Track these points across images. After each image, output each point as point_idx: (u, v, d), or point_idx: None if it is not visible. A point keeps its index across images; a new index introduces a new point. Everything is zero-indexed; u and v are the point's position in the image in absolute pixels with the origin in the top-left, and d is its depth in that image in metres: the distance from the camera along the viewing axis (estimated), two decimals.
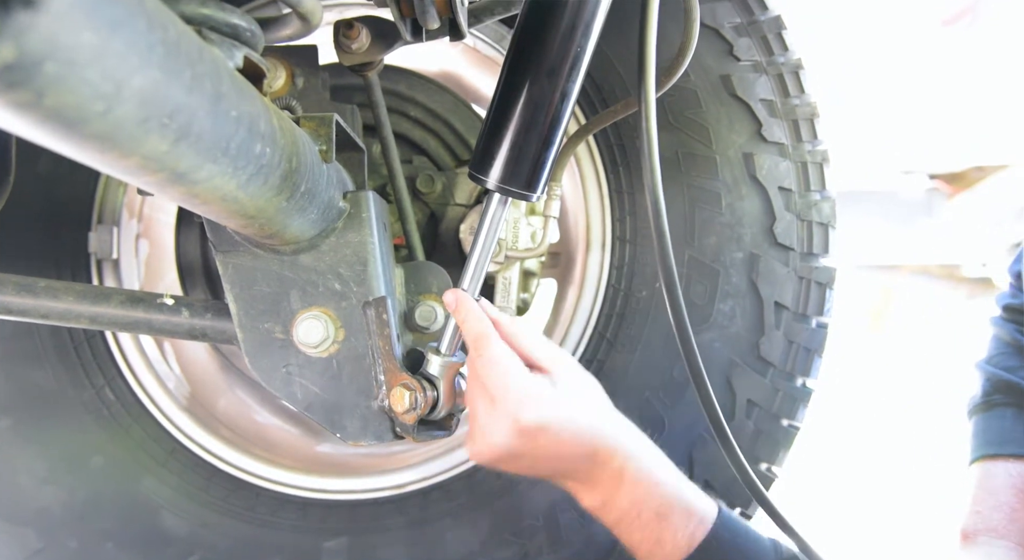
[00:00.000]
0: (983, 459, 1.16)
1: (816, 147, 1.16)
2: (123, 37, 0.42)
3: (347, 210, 0.92)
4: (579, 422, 0.84)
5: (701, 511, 0.86)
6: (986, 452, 1.16)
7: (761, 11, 1.15)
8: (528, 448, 0.83)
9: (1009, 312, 1.26)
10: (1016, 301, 1.25)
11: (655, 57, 0.84)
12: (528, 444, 0.82)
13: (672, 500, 0.85)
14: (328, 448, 1.39)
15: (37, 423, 1.20)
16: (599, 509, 0.87)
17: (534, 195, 0.84)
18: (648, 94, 0.84)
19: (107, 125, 0.44)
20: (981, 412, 1.19)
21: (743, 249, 1.14)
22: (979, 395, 1.21)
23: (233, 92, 0.57)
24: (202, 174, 0.56)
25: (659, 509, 0.84)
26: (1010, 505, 1.10)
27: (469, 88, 1.47)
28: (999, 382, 1.20)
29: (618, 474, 0.84)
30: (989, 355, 1.24)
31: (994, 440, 1.16)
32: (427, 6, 0.84)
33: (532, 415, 0.81)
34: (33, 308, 0.95)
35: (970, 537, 1.10)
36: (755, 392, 1.15)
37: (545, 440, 0.82)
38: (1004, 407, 1.18)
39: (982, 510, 1.11)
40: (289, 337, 0.91)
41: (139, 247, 1.30)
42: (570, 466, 0.85)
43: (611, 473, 0.85)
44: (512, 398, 0.82)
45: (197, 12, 0.69)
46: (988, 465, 1.15)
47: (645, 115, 0.84)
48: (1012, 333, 1.23)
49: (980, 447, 1.17)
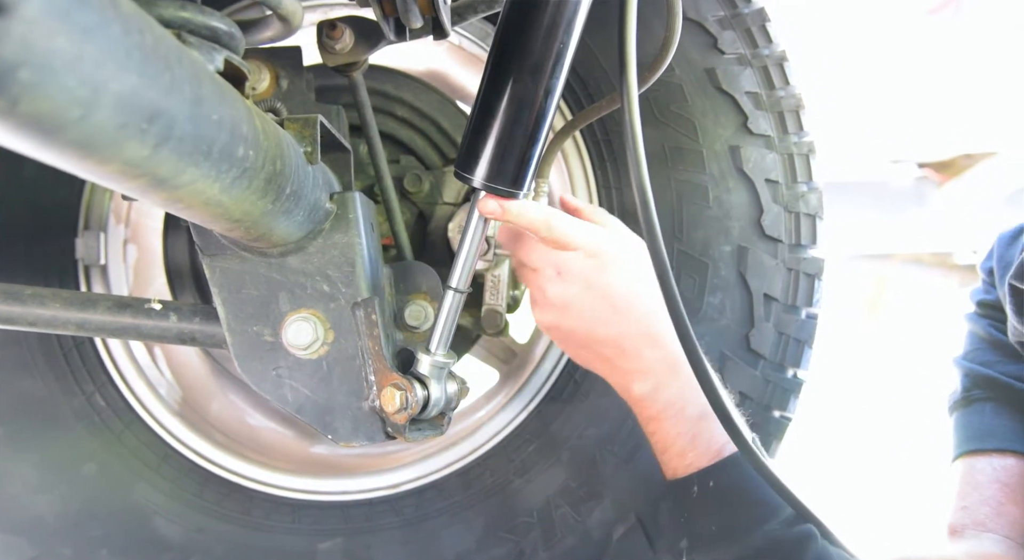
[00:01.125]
0: (966, 455, 1.18)
1: (802, 139, 1.16)
2: (99, 42, 0.42)
3: (334, 211, 0.91)
4: (648, 290, 0.86)
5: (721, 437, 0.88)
6: (969, 448, 1.17)
7: (744, 4, 1.15)
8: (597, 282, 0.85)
9: (983, 308, 1.27)
10: (989, 297, 1.27)
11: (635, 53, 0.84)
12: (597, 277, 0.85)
13: (708, 408, 0.85)
14: (322, 449, 1.39)
15: (28, 431, 1.19)
16: (646, 396, 0.88)
17: (520, 193, 0.84)
18: (630, 91, 0.84)
19: (85, 131, 0.44)
20: (961, 408, 1.21)
21: (731, 242, 1.15)
22: (959, 391, 1.23)
23: (214, 95, 0.57)
24: (184, 179, 0.56)
25: (703, 408, 0.86)
26: (996, 499, 1.11)
27: (456, 86, 1.47)
28: (977, 377, 1.22)
29: (674, 361, 0.86)
30: (965, 351, 1.26)
31: (976, 435, 1.18)
32: (410, 5, 0.84)
33: (614, 245, 0.86)
34: (20, 316, 0.95)
35: (958, 532, 1.11)
36: (746, 384, 1.15)
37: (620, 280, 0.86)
38: (983, 402, 1.20)
39: (968, 505, 1.13)
40: (278, 340, 0.91)
41: (127, 252, 1.30)
42: (631, 328, 0.87)
43: (666, 358, 0.86)
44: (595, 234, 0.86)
45: (176, 15, 0.68)
46: (972, 460, 1.17)
47: (628, 112, 0.84)
48: (986, 328, 1.25)
49: (963, 443, 1.19)
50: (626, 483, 1.17)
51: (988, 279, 1.29)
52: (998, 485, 1.12)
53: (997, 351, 1.24)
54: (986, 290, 1.30)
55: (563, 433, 1.18)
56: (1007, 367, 1.21)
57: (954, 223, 3.62)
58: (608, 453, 1.17)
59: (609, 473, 1.17)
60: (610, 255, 0.88)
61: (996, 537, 1.07)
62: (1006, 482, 1.12)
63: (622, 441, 1.17)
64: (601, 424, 1.18)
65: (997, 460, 1.14)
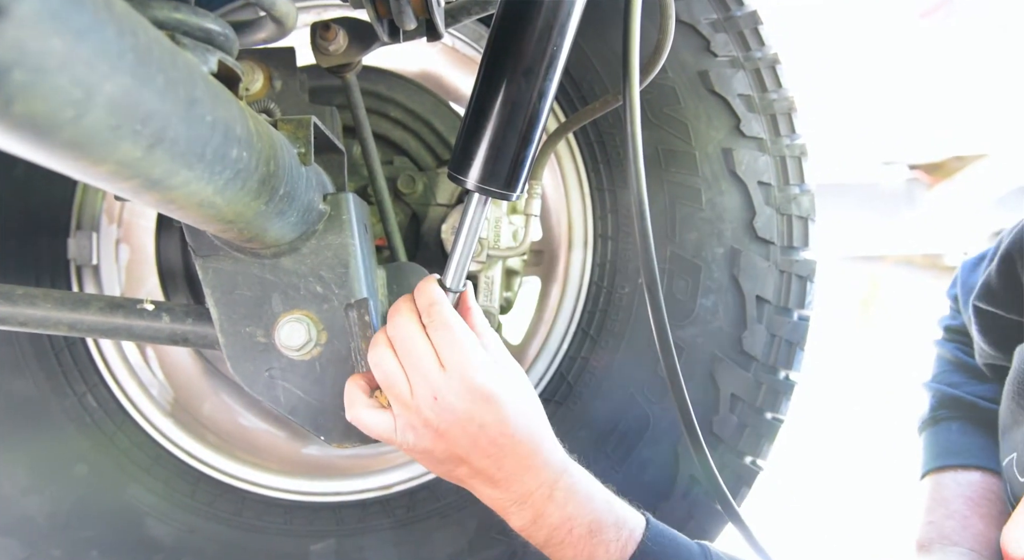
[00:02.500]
0: (932, 472, 1.20)
1: (794, 141, 1.16)
2: (92, 43, 0.42)
3: (327, 212, 0.91)
4: (524, 413, 0.82)
5: (631, 524, 0.85)
6: (935, 465, 1.20)
7: (737, 6, 1.15)
8: (472, 419, 0.79)
9: (950, 333, 1.34)
10: (955, 322, 1.33)
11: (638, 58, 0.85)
12: (474, 412, 0.79)
13: (603, 514, 0.84)
14: (314, 450, 1.39)
15: (19, 431, 1.19)
16: (530, 526, 0.84)
17: (513, 195, 0.84)
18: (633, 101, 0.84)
19: (78, 132, 0.44)
20: (929, 427, 1.26)
21: (724, 244, 1.15)
22: (927, 412, 1.26)
23: (207, 97, 0.57)
24: (177, 180, 0.56)
25: (591, 525, 0.83)
26: (961, 513, 1.13)
27: (449, 88, 1.47)
28: (944, 398, 1.26)
29: (549, 488, 0.82)
30: (934, 374, 1.32)
31: (942, 452, 1.20)
32: (403, 7, 0.84)
33: (483, 379, 0.78)
34: (11, 316, 0.94)
35: (925, 547, 1.13)
36: (739, 386, 1.16)
37: (490, 414, 0.79)
38: (950, 420, 1.23)
39: (935, 520, 1.14)
40: (271, 341, 0.91)
41: (119, 252, 1.30)
42: (506, 464, 0.82)
43: (543, 484, 0.82)
44: (464, 360, 0.78)
45: (170, 17, 0.68)
46: (937, 477, 1.19)
47: (630, 119, 0.85)
48: (953, 351, 1.31)
49: (929, 461, 1.22)
50: (619, 484, 1.17)
51: (954, 305, 1.35)
52: (963, 499, 1.13)
53: (963, 373, 1.27)
54: (952, 316, 1.36)
55: (556, 434, 1.18)
56: (973, 387, 1.24)
57: (945, 225, 3.63)
58: (601, 454, 1.17)
59: (601, 474, 1.17)
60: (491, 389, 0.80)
61: (962, 550, 1.09)
62: (970, 497, 1.13)
63: (615, 442, 1.17)
64: (594, 425, 1.18)
65: (962, 475, 1.16)
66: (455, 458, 0.82)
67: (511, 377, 0.83)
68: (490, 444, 0.81)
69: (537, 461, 0.82)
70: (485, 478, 0.83)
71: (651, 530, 0.86)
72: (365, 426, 0.84)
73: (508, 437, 0.80)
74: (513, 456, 0.81)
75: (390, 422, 0.83)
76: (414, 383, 0.80)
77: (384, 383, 0.82)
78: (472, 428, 0.79)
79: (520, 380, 0.85)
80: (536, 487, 0.82)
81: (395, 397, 0.82)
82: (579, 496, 0.83)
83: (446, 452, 0.82)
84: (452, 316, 0.82)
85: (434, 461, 0.84)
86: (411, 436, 0.82)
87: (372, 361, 0.83)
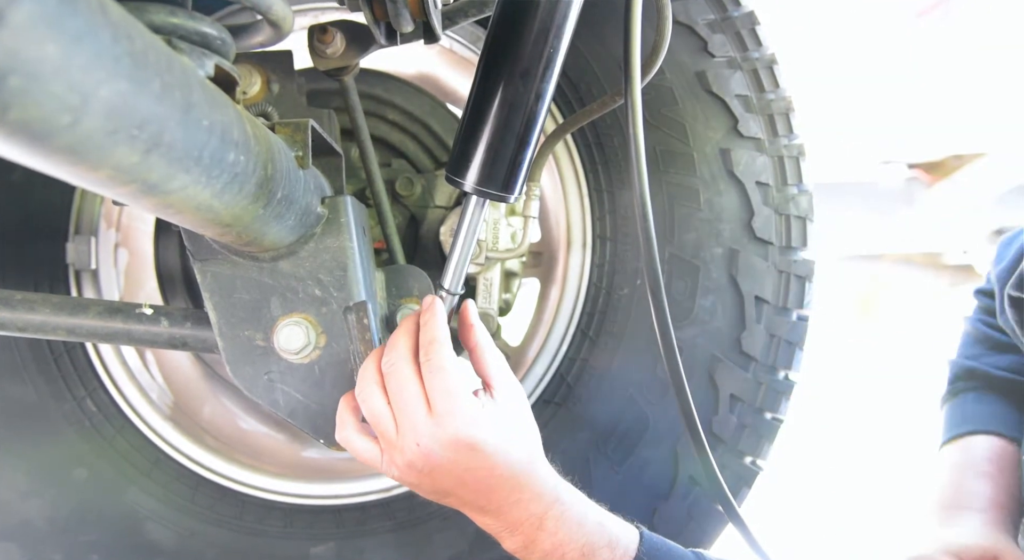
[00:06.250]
0: (949, 442, 1.25)
1: (792, 141, 1.16)
2: (88, 49, 0.42)
3: (325, 215, 0.92)
4: (513, 455, 0.81)
5: (624, 541, 0.85)
6: (951, 435, 1.26)
7: (734, 7, 1.15)
8: (457, 464, 0.79)
9: (980, 295, 1.36)
10: (988, 286, 1.34)
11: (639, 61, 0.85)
12: (458, 459, 0.78)
13: (595, 536, 0.84)
14: (314, 453, 1.39)
15: (18, 436, 1.19)
16: (522, 550, 0.84)
17: (511, 196, 0.84)
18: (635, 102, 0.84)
19: (75, 138, 0.44)
20: (948, 401, 1.31)
21: (722, 244, 1.15)
22: (946, 386, 1.30)
23: (204, 101, 0.57)
24: (175, 184, 0.56)
25: (583, 549, 0.83)
26: (974, 479, 1.17)
27: (447, 90, 1.47)
28: (961, 370, 1.31)
29: (539, 518, 0.82)
30: (957, 350, 1.37)
31: (957, 423, 1.26)
32: (400, 9, 0.84)
33: (469, 430, 0.78)
34: (9, 321, 0.94)
35: (941, 514, 1.16)
36: (738, 386, 1.16)
37: (476, 462, 0.79)
38: (966, 392, 1.29)
39: (947, 487, 1.19)
40: (270, 344, 0.91)
41: (118, 257, 1.29)
42: (494, 498, 0.82)
43: (533, 516, 0.82)
44: (453, 409, 0.78)
45: (166, 22, 0.68)
46: (952, 446, 1.24)
47: (632, 121, 0.85)
48: (974, 324, 1.36)
49: (946, 432, 1.27)
50: (618, 486, 1.17)
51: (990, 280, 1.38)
52: (977, 464, 1.18)
53: (982, 345, 1.32)
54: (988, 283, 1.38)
55: (555, 436, 1.18)
56: (991, 358, 1.29)
57: (944, 223, 3.63)
58: (600, 455, 1.17)
59: (601, 476, 1.17)
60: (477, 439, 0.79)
61: (975, 515, 1.12)
62: (982, 461, 1.18)
63: (614, 443, 1.17)
64: (593, 427, 1.18)
65: (975, 441, 1.21)
66: (442, 492, 0.83)
67: (501, 419, 0.82)
68: (476, 483, 0.80)
69: (526, 494, 0.82)
70: (474, 508, 0.83)
71: (645, 544, 0.86)
72: (353, 450, 0.85)
73: (496, 478, 0.80)
74: (501, 491, 0.81)
75: (377, 454, 0.83)
76: (400, 425, 0.79)
77: (371, 420, 0.82)
78: (457, 471, 0.79)
79: (511, 417, 0.84)
80: (526, 518, 0.82)
81: (381, 434, 0.82)
82: (570, 523, 0.83)
83: (432, 487, 0.82)
84: (449, 359, 0.81)
85: (422, 491, 0.84)
86: (395, 471, 0.82)
87: (360, 396, 0.83)
